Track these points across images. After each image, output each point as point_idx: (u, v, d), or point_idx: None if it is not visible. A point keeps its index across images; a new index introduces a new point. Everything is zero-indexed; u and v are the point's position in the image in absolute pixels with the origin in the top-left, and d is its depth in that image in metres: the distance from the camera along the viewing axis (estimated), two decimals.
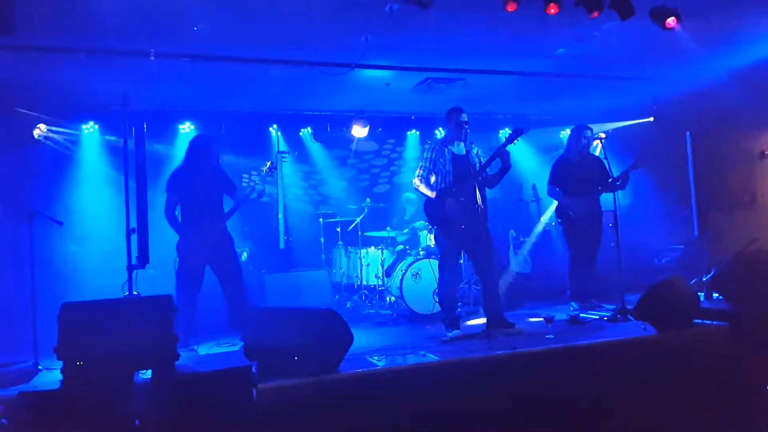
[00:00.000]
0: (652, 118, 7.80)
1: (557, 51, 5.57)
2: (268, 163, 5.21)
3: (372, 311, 6.37)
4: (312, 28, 4.73)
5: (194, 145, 5.00)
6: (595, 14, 4.31)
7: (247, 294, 5.08)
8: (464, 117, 4.83)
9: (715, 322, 4.31)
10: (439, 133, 7.97)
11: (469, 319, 5.49)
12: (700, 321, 4.35)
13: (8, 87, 5.49)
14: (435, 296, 5.63)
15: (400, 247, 6.66)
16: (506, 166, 4.69)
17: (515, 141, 4.65)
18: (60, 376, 3.14)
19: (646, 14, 4.55)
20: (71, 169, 6.53)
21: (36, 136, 6.27)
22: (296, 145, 7.69)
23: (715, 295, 5.08)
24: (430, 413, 3.43)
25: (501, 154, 4.62)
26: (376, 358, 3.85)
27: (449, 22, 4.65)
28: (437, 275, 4.96)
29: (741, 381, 4.03)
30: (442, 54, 5.55)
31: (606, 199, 5.54)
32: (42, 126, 6.28)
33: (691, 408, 3.88)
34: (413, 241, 6.83)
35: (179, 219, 4.89)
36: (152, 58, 4.96)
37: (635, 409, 3.76)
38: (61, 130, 6.44)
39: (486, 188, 4.90)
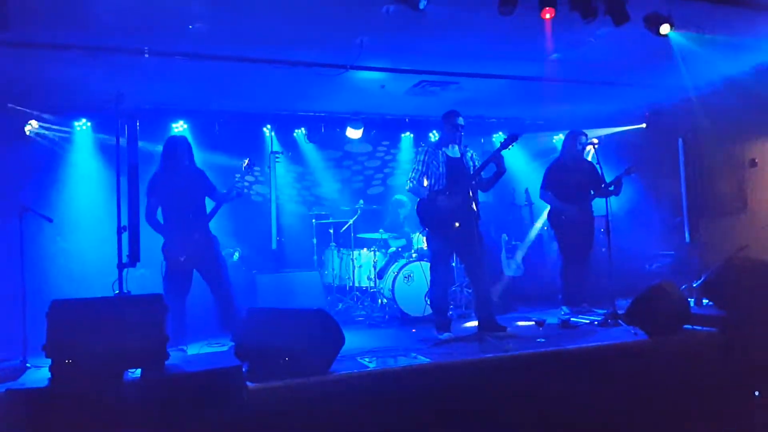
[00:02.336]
0: (644, 125, 7.86)
1: (552, 56, 5.60)
2: (246, 161, 5.19)
3: (364, 313, 6.36)
4: (307, 29, 4.72)
5: (167, 147, 4.95)
6: (590, 19, 4.33)
7: (234, 294, 5.05)
8: (460, 120, 4.84)
9: (705, 328, 4.34)
10: (434, 135, 7.98)
11: (460, 322, 5.49)
12: (690, 327, 4.37)
13: (0, 83, 5.45)
14: (426, 299, 5.63)
15: (393, 249, 6.66)
16: (501, 170, 4.70)
17: (510, 146, 4.67)
18: (48, 374, 3.11)
19: (640, 21, 4.59)
20: (63, 167, 6.49)
21: (27, 133, 6.23)
22: (290, 146, 7.68)
23: (706, 301, 5.12)
24: (421, 415, 3.43)
25: (495, 159, 4.64)
26: (367, 359, 3.85)
27: (445, 25, 4.66)
28: (429, 278, 4.95)
29: (730, 386, 4.05)
30: (437, 57, 5.56)
31: (598, 204, 5.57)
32: (34, 122, 6.24)
33: (680, 413, 3.90)
34: (406, 244, 6.83)
35: (161, 222, 4.86)
36: (146, 56, 4.93)
37: (624, 414, 3.77)
38: (53, 127, 6.40)
39: (480, 192, 4.92)
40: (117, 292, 3.96)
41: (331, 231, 7.00)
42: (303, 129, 7.63)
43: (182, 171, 4.89)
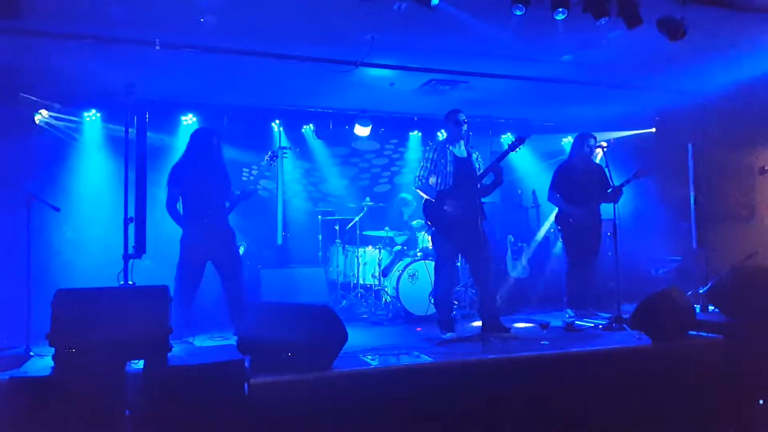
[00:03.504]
0: (654, 129, 7.81)
1: (563, 57, 5.57)
2: (269, 153, 5.19)
3: (367, 311, 6.36)
4: (318, 24, 4.71)
5: (196, 138, 4.96)
6: (602, 20, 4.29)
7: (245, 289, 5.06)
8: (462, 116, 4.82)
9: (710, 335, 4.31)
10: (442, 134, 7.95)
11: (464, 322, 5.48)
12: (695, 333, 4.34)
13: (12, 72, 5.47)
14: (431, 298, 5.62)
15: (398, 247, 6.65)
16: (498, 180, 4.71)
17: (518, 148, 4.65)
18: (51, 363, 3.13)
19: (652, 24, 4.55)
20: (71, 156, 6.51)
21: (37, 122, 6.26)
22: (298, 142, 7.68)
23: (711, 307, 5.08)
24: (422, 414, 3.42)
25: (495, 169, 4.62)
26: (369, 357, 3.84)
27: (456, 24, 4.63)
28: (434, 277, 4.94)
29: (734, 394, 4.03)
30: (447, 56, 5.54)
31: (606, 208, 5.54)
32: (44, 112, 6.26)
33: (683, 419, 3.87)
34: (411, 241, 6.82)
35: (181, 213, 4.86)
36: (157, 48, 4.94)
37: (627, 418, 3.75)
38: (62, 117, 6.42)
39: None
40: (122, 282, 3.98)
41: (337, 228, 7.00)
42: (311, 125, 7.63)
43: (208, 163, 4.87)
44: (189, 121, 6.88)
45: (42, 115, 6.27)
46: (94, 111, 6.57)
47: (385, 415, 3.35)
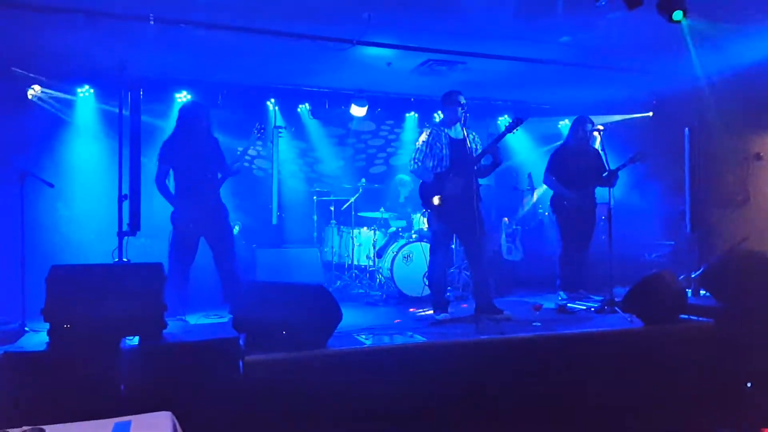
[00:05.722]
0: (651, 113, 7.80)
1: (561, 39, 5.53)
2: (257, 124, 5.14)
3: (362, 291, 6.39)
4: (315, 1, 4.65)
5: (185, 112, 4.87)
6: (603, 0, 4.25)
7: (238, 266, 5.05)
8: (461, 99, 4.78)
9: (701, 319, 4.35)
10: (438, 116, 7.92)
11: (458, 304, 5.52)
12: (686, 316, 4.38)
13: (3, 46, 5.39)
14: (425, 279, 5.65)
15: (393, 228, 6.66)
16: (497, 161, 4.68)
17: (515, 130, 4.63)
18: (46, 338, 3.13)
19: (652, 5, 4.51)
20: (65, 133, 6.45)
21: (30, 97, 6.18)
22: (293, 121, 7.62)
23: (703, 292, 5.13)
24: (415, 393, 3.45)
25: (493, 150, 4.60)
26: (363, 336, 3.87)
27: (454, 3, 4.58)
28: (428, 258, 4.96)
29: (723, 377, 4.08)
30: (445, 35, 5.49)
31: (601, 191, 5.55)
32: (36, 87, 6.19)
33: (672, 401, 3.93)
34: (406, 225, 6.83)
35: (171, 190, 4.82)
36: (152, 23, 4.86)
37: (617, 400, 3.80)
38: (55, 92, 6.35)
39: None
40: (116, 260, 3.97)
41: (332, 208, 6.99)
42: (307, 104, 7.57)
43: (198, 138, 4.82)
44: (183, 98, 6.81)
45: (34, 90, 6.19)
46: (87, 87, 6.50)
47: (378, 394, 3.38)
